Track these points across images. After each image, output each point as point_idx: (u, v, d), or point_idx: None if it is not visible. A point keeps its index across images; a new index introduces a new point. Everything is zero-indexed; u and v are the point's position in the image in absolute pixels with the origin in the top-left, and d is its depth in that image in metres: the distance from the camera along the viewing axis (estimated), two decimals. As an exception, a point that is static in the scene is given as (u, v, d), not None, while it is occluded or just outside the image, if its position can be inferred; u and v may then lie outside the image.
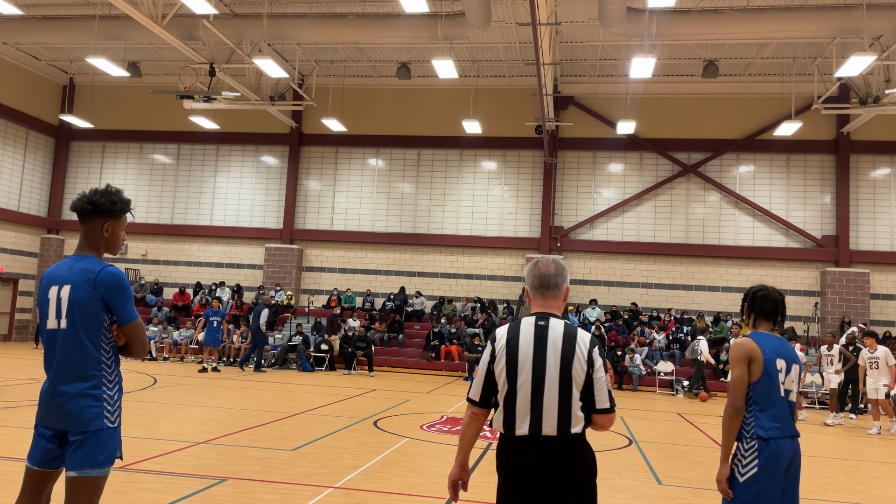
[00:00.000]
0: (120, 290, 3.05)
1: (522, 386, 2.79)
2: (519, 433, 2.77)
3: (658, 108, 22.65)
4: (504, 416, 2.82)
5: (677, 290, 22.23)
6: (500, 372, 2.84)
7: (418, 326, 22.23)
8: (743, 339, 3.64)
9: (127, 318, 3.08)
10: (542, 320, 2.89)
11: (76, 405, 2.97)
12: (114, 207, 3.16)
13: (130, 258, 25.11)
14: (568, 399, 2.77)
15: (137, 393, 12.21)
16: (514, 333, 2.87)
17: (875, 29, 15.99)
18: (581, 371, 2.79)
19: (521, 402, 2.79)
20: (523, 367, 2.80)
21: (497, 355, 2.86)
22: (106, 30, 18.90)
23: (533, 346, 2.82)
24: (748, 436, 3.52)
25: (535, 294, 2.99)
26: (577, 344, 2.83)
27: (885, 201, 21.53)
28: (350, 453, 7.84)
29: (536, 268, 3.01)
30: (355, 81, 24.11)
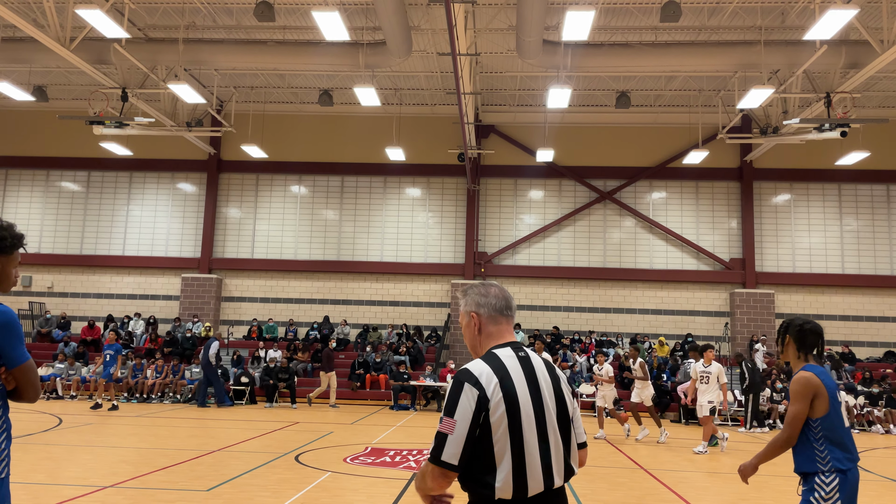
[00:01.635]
0: (6, 330, 2.85)
1: (530, 433, 2.30)
2: (533, 493, 2.28)
3: (575, 136, 23.38)
4: (514, 477, 2.26)
5: (597, 312, 22.80)
6: (498, 422, 2.27)
7: (343, 356, 21.89)
8: (808, 374, 3.63)
9: (16, 361, 2.88)
10: (520, 351, 2.46)
11: None
12: (2, 244, 2.96)
13: (35, 291, 23.75)
14: (568, 436, 2.41)
15: (40, 435, 11.47)
16: (503, 371, 2.34)
17: (772, 63, 17.07)
18: (570, 403, 2.47)
19: (531, 452, 2.29)
20: (527, 409, 2.31)
21: (492, 403, 2.28)
22: (9, 52, 18.00)
23: (526, 383, 2.36)
24: (827, 469, 3.55)
25: (496, 317, 2.52)
26: (557, 372, 2.51)
27: (787, 225, 22.83)
28: (269, 491, 7.58)
29: (492, 289, 2.58)
30: (276, 108, 23.83)
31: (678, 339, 22.15)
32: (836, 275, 22.37)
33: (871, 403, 17.88)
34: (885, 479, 9.99)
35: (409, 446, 11.47)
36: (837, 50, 16.34)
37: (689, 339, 21.91)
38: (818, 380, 3.62)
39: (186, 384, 19.09)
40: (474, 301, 2.56)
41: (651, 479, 9.16)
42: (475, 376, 2.32)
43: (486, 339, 2.52)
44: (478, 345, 2.54)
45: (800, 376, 3.64)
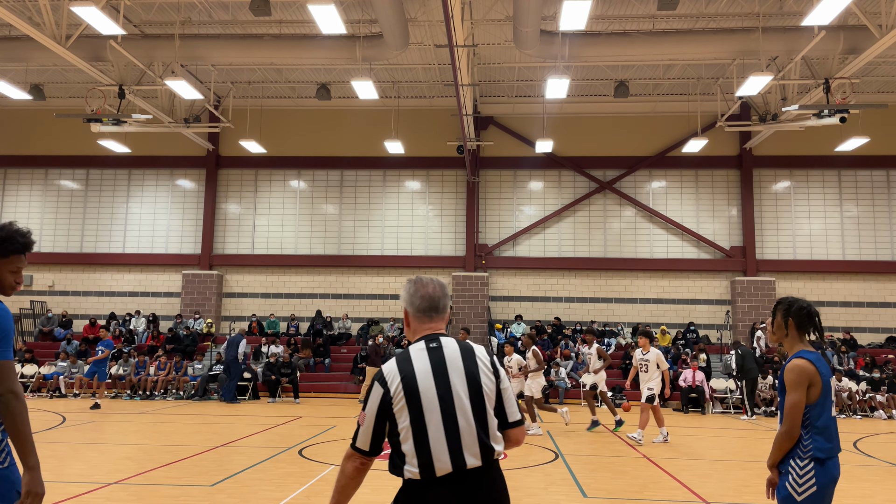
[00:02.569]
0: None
1: (432, 418, 2.49)
2: (441, 473, 2.46)
3: (574, 127, 23.33)
4: (419, 459, 2.47)
5: (598, 303, 22.80)
6: (400, 411, 2.52)
7: (345, 350, 21.93)
8: (802, 363, 3.52)
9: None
10: (432, 342, 2.65)
11: None
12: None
13: (36, 289, 23.78)
14: (484, 418, 2.53)
15: (44, 433, 11.50)
16: (407, 366, 2.58)
17: (771, 50, 17.00)
18: (491, 384, 2.59)
19: (435, 436, 2.47)
20: (428, 397, 2.51)
21: (393, 395, 2.54)
22: (6, 51, 17.94)
23: (432, 372, 2.55)
24: (805, 457, 3.47)
25: (420, 317, 2.75)
26: (478, 357, 2.63)
27: (787, 212, 22.80)
28: (273, 485, 7.60)
29: (422, 288, 2.77)
30: (274, 102, 23.78)
31: (680, 328, 22.17)
32: (837, 261, 22.36)
33: (873, 389, 17.90)
34: (887, 464, 10.01)
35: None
36: (836, 35, 16.27)
37: (691, 328, 21.93)
38: (813, 367, 3.52)
39: (189, 381, 19.12)
40: (404, 297, 2.81)
41: (654, 468, 9.18)
42: (384, 376, 2.61)
43: (412, 334, 2.77)
44: (408, 335, 2.80)
45: (794, 364, 3.53)
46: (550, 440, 11.70)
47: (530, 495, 7.37)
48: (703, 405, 17.54)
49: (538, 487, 7.80)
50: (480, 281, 22.57)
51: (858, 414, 17.24)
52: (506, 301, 22.98)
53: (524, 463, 9.39)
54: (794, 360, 3.56)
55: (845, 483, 8.37)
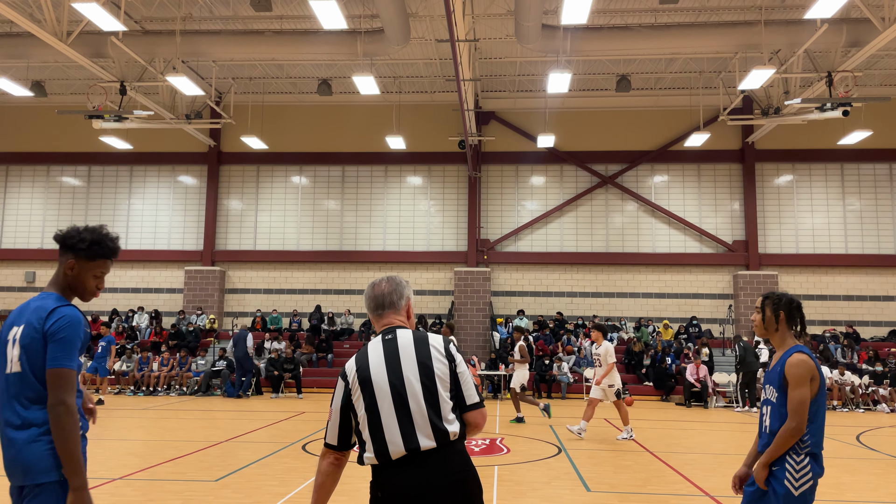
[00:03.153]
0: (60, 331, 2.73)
1: (384, 404, 2.59)
2: (396, 456, 2.55)
3: (575, 121, 23.29)
4: (374, 444, 2.59)
5: (600, 297, 22.79)
6: (357, 401, 2.65)
7: (348, 345, 21.95)
8: (806, 358, 3.48)
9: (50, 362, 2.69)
10: (388, 334, 2.76)
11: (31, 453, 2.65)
12: (79, 245, 2.88)
13: (39, 286, 23.80)
14: (436, 401, 2.59)
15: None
16: (363, 358, 2.71)
17: (773, 44, 16.95)
18: (444, 367, 2.66)
19: (388, 421, 2.57)
20: (380, 385, 2.62)
21: (352, 387, 2.67)
22: (7, 48, 17.94)
23: (384, 360, 2.66)
24: (802, 452, 3.45)
25: (373, 316, 2.88)
26: (431, 344, 2.71)
27: (789, 206, 22.77)
28: (277, 480, 7.62)
29: (371, 290, 2.89)
30: (275, 98, 23.76)
31: (682, 322, 22.16)
32: (840, 255, 22.33)
33: (875, 383, 17.90)
34: (890, 457, 10.01)
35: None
36: (838, 28, 16.22)
37: (693, 322, 21.92)
38: (813, 362, 3.49)
39: (192, 376, 19.16)
40: (365, 305, 2.95)
41: (657, 462, 9.19)
42: (345, 370, 2.74)
43: (376, 328, 2.90)
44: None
45: (800, 360, 3.47)
46: (553, 434, 11.71)
47: (534, 489, 7.39)
48: (705, 399, 17.55)
49: (542, 482, 7.81)
50: (482, 276, 22.56)
51: (861, 407, 17.24)
52: (508, 296, 22.98)
53: (527, 457, 9.40)
54: (797, 355, 3.50)
55: (848, 476, 8.38)
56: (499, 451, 9.89)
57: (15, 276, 23.93)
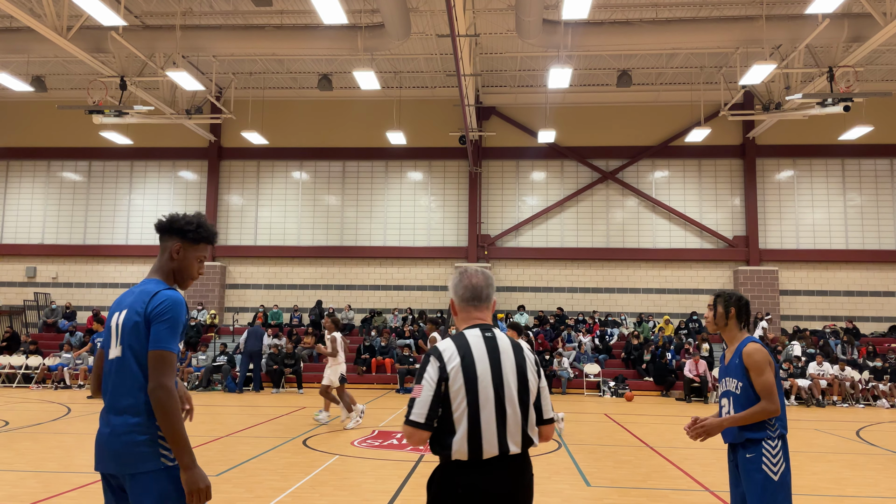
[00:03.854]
0: (164, 313, 2.70)
1: (487, 404, 2.59)
2: (487, 456, 2.57)
3: (576, 117, 23.26)
4: (470, 441, 2.56)
5: (601, 293, 22.81)
6: (457, 392, 2.59)
7: (348, 340, 21.90)
8: (759, 346, 3.76)
9: (154, 343, 2.66)
10: (487, 332, 2.74)
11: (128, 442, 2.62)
12: (187, 227, 2.88)
13: (40, 281, 23.84)
14: (527, 412, 2.66)
15: (49, 424, 11.57)
16: (465, 349, 2.65)
17: (774, 39, 16.91)
18: (534, 380, 2.71)
19: (488, 421, 2.58)
20: (485, 383, 2.60)
21: (450, 374, 2.60)
22: (7, 43, 17.92)
23: (489, 359, 2.65)
24: (775, 436, 3.67)
25: (465, 306, 2.83)
26: (525, 353, 2.74)
27: (790, 202, 22.76)
28: (278, 475, 7.64)
29: (466, 279, 2.85)
30: (275, 93, 23.73)
31: (683, 317, 22.17)
32: (840, 250, 22.33)
33: (875, 378, 17.92)
34: (890, 452, 10.03)
35: (415, 429, 11.51)
36: (840, 23, 16.18)
37: (694, 318, 21.94)
38: (766, 350, 3.77)
39: (193, 371, 19.19)
40: (451, 286, 2.90)
41: (657, 457, 9.21)
42: (440, 352, 2.66)
43: (459, 322, 2.86)
44: (456, 323, 2.89)
45: (756, 348, 3.74)
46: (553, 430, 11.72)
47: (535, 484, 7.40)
48: (705, 394, 17.57)
49: (542, 476, 7.83)
50: (483, 271, 22.55)
51: (861, 403, 17.27)
52: (508, 291, 22.99)
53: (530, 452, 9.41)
54: (751, 345, 3.77)
55: (849, 471, 8.40)
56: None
57: (16, 272, 23.95)
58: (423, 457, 8.86)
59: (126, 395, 2.67)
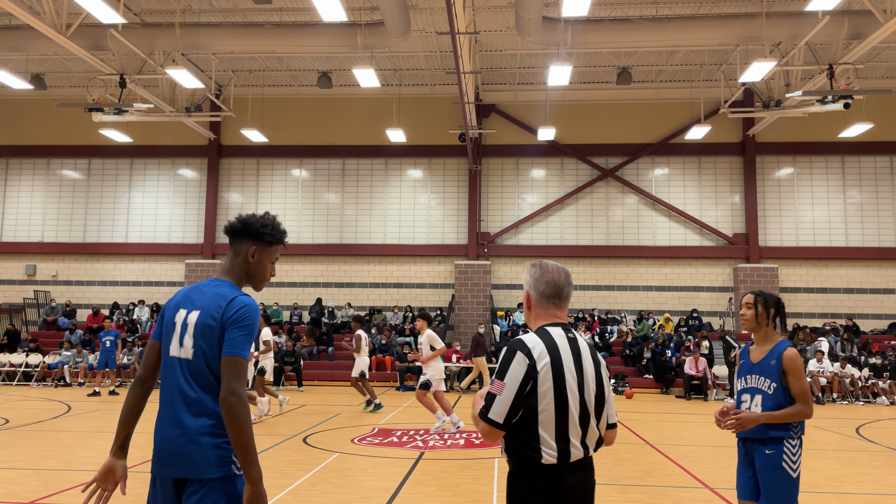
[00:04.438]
0: (240, 320, 2.64)
1: (574, 406, 2.52)
2: (574, 459, 2.50)
3: (576, 114, 23.24)
4: (558, 444, 2.48)
5: (601, 290, 22.81)
6: (545, 392, 2.48)
7: (348, 338, 21.95)
8: (797, 352, 3.91)
9: (227, 350, 2.59)
10: (569, 332, 2.66)
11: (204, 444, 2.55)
12: (263, 230, 2.85)
13: (40, 279, 23.84)
14: (601, 413, 2.62)
15: (49, 422, 11.57)
16: (553, 348, 2.55)
17: (774, 36, 16.90)
18: (608, 386, 2.68)
19: (574, 424, 2.52)
20: (571, 386, 2.52)
21: (540, 373, 2.49)
22: (6, 40, 17.91)
23: (573, 362, 2.57)
24: (796, 437, 3.85)
25: (545, 303, 2.70)
26: (599, 357, 2.70)
27: (790, 199, 22.76)
28: (278, 472, 7.64)
29: (549, 275, 2.72)
30: (275, 91, 23.71)
31: (683, 314, 22.18)
32: (840, 247, 22.33)
33: (875, 375, 17.93)
34: (890, 449, 10.04)
35: (415, 426, 11.54)
36: (840, 21, 16.17)
37: (694, 315, 21.95)
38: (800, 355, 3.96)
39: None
40: (528, 281, 2.77)
41: (656, 454, 9.22)
42: (528, 347, 2.53)
43: (535, 319, 2.73)
44: (529, 319, 2.77)
45: (795, 354, 3.88)
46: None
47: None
48: (705, 392, 17.59)
49: (542, 474, 7.83)
50: (483, 269, 22.58)
51: (861, 400, 17.28)
52: (508, 289, 22.99)
53: (528, 450, 9.42)
54: (791, 350, 3.91)
55: (849, 469, 8.41)
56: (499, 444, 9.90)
57: (15, 270, 23.95)
58: (422, 454, 8.87)
59: (199, 397, 2.60)
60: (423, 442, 9.88)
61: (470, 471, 7.91)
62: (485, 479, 7.51)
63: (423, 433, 10.71)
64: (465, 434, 10.69)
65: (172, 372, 2.66)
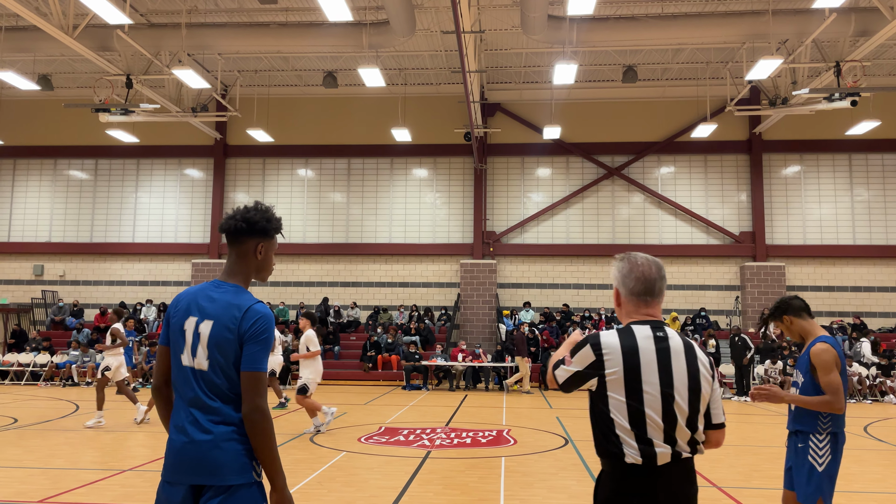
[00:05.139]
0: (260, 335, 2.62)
1: (655, 407, 2.44)
2: (662, 462, 2.43)
3: (582, 112, 23.20)
4: (639, 444, 2.43)
5: (607, 289, 22.76)
6: (615, 382, 2.45)
7: (354, 337, 22.01)
8: (828, 345, 3.93)
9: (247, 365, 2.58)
10: (659, 330, 2.54)
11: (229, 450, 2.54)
12: (269, 226, 2.80)
13: (47, 279, 23.94)
14: (696, 415, 2.50)
15: (57, 421, 11.63)
16: (630, 347, 2.48)
17: (781, 33, 16.83)
18: (707, 385, 2.53)
19: (656, 425, 2.43)
20: (652, 384, 2.44)
21: (607, 363, 2.46)
22: (13, 41, 17.99)
23: (657, 361, 2.47)
24: (825, 432, 3.95)
25: (635, 300, 2.60)
26: (699, 357, 2.56)
27: (797, 197, 22.66)
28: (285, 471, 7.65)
29: (638, 269, 2.61)
30: (281, 91, 23.75)
31: (690, 313, 22.12)
32: (848, 245, 22.24)
33: (883, 374, 17.84)
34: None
35: (422, 425, 11.56)
36: (847, 18, 16.09)
37: (701, 314, 21.89)
38: (835, 350, 3.94)
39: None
40: (616, 276, 2.66)
41: (664, 453, 9.20)
42: (600, 343, 2.51)
43: (624, 315, 2.64)
44: (620, 315, 2.68)
45: (825, 347, 3.92)
46: (560, 426, 11.74)
47: (542, 480, 7.41)
48: (712, 391, 17.58)
49: (549, 472, 7.83)
50: (488, 268, 22.57)
51: (869, 399, 17.21)
52: (514, 288, 22.98)
53: (534, 448, 9.43)
54: (821, 343, 3.96)
55: (856, 467, 8.38)
56: (506, 443, 9.92)
57: (23, 270, 24.06)
58: (429, 453, 8.88)
59: (219, 406, 2.57)
60: (429, 441, 9.89)
61: (477, 469, 7.92)
62: (492, 477, 7.51)
63: (429, 432, 10.72)
64: (471, 433, 10.70)
65: (187, 382, 2.63)
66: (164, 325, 2.74)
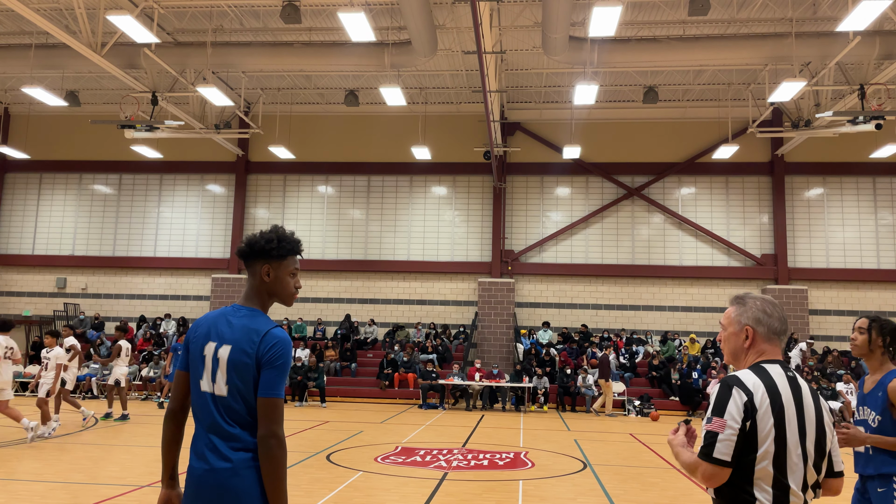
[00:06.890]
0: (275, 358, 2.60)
1: (794, 450, 2.37)
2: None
3: (602, 133, 23.18)
4: (776, 491, 2.34)
5: (626, 310, 22.59)
6: (766, 435, 2.35)
7: (371, 354, 22.00)
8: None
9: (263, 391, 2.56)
10: (788, 371, 2.49)
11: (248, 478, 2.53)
12: (269, 246, 2.73)
13: (69, 292, 24.23)
14: (821, 461, 2.45)
15: (77, 435, 11.70)
16: (772, 386, 2.41)
17: (804, 56, 16.75)
18: (830, 432, 2.49)
19: (795, 472, 2.37)
20: (792, 429, 2.37)
21: (759, 411, 2.36)
22: (42, 58, 18.37)
23: (794, 401, 2.41)
24: None
25: (773, 338, 2.55)
26: (822, 402, 2.51)
27: (820, 220, 22.41)
28: (302, 490, 7.64)
29: (778, 310, 2.58)
30: (303, 109, 24.00)
31: (710, 336, 21.87)
32: (872, 270, 21.91)
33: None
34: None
35: (438, 445, 11.49)
36: (871, 41, 15.99)
37: (719, 337, 21.60)
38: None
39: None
40: (754, 316, 2.58)
41: (684, 480, 9.06)
42: (744, 383, 2.40)
43: (754, 355, 2.56)
44: (741, 356, 2.59)
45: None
46: (578, 449, 11.61)
47: (559, 506, 7.32)
48: (733, 415, 17.26)
49: (567, 497, 7.74)
50: (507, 287, 22.50)
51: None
52: (532, 307, 22.88)
53: (552, 472, 9.33)
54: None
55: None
56: (523, 466, 9.82)
57: (46, 283, 24.38)
58: (446, 475, 8.81)
59: (238, 433, 2.57)
60: (445, 462, 9.82)
61: (494, 493, 7.84)
62: (509, 501, 7.43)
63: (445, 452, 10.65)
64: (488, 454, 10.61)
65: (206, 408, 2.62)
66: (184, 351, 2.74)
